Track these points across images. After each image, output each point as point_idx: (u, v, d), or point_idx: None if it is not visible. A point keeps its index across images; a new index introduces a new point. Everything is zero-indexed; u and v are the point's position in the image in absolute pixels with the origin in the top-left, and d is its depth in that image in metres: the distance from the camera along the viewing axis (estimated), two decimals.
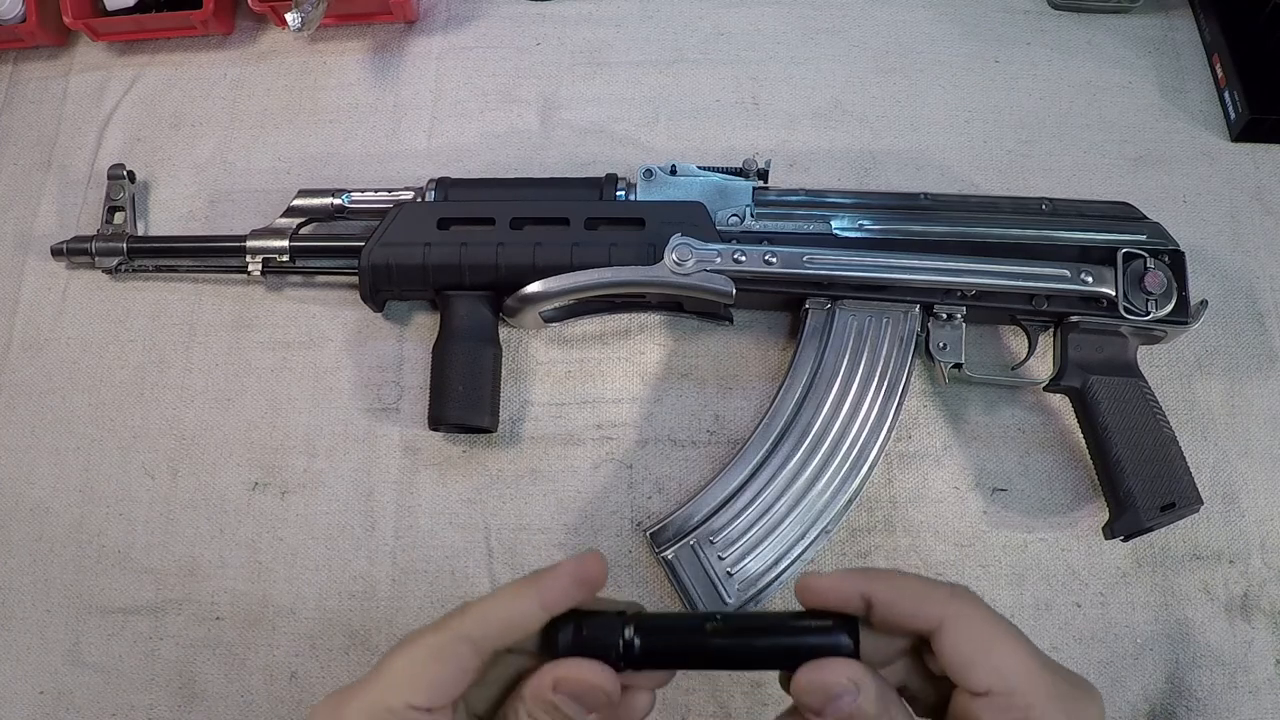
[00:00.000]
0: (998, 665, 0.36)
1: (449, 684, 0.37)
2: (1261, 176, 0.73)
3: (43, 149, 0.79)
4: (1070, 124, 0.75)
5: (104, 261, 0.72)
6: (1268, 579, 0.63)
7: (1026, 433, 0.66)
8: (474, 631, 0.38)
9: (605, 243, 0.64)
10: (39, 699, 0.64)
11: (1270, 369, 0.68)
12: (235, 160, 0.78)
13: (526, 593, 0.38)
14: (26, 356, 0.73)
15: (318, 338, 0.72)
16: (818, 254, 0.63)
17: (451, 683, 0.37)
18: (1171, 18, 0.78)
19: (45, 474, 0.70)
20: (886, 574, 0.38)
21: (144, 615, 0.66)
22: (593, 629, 0.39)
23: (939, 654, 0.37)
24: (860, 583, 0.38)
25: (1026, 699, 0.35)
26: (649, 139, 0.76)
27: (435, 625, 0.39)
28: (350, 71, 0.80)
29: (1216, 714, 0.60)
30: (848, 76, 0.77)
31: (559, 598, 0.39)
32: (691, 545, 0.60)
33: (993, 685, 0.36)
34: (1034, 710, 0.35)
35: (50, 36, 0.81)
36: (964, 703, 0.37)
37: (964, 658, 0.36)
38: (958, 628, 0.37)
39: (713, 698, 0.61)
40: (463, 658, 0.38)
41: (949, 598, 0.38)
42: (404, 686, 0.37)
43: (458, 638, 0.38)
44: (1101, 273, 0.61)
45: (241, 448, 0.69)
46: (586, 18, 0.80)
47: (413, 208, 0.67)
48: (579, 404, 0.69)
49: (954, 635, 0.37)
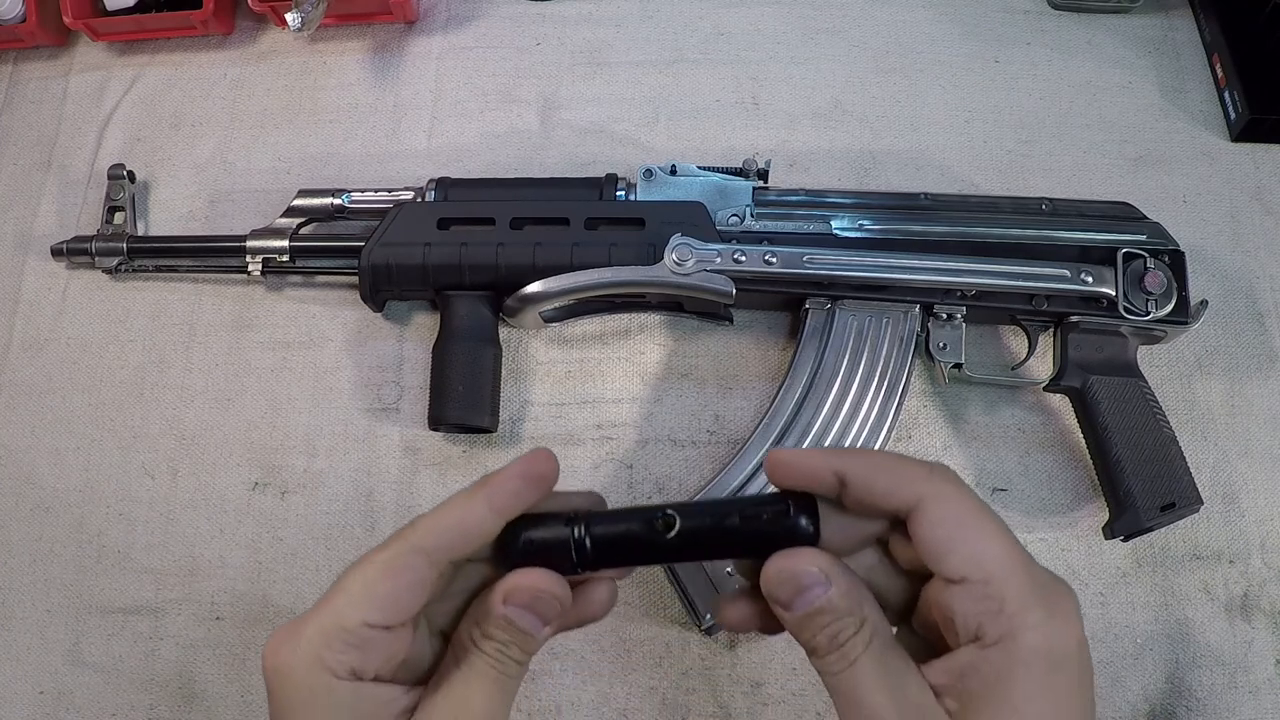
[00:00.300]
0: (975, 552, 0.34)
1: (404, 599, 0.36)
2: (1261, 176, 0.73)
3: (43, 149, 0.79)
4: (1070, 124, 0.75)
5: (104, 261, 0.72)
6: (1268, 579, 0.63)
7: (1026, 433, 0.66)
8: (426, 542, 0.36)
9: (605, 243, 0.64)
10: (39, 699, 0.64)
11: (1270, 369, 0.68)
12: (235, 160, 0.78)
13: (476, 498, 0.37)
14: (26, 356, 0.73)
15: (318, 338, 0.72)
16: (818, 254, 0.63)
17: (407, 598, 0.36)
18: (1171, 18, 0.78)
19: (45, 474, 0.70)
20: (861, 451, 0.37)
21: (144, 615, 0.66)
22: (541, 534, 0.38)
23: (915, 536, 0.35)
24: (834, 459, 0.36)
25: (1002, 590, 0.33)
26: (649, 139, 0.76)
27: (386, 541, 0.37)
28: (350, 71, 0.80)
29: (1216, 714, 0.60)
30: (848, 76, 0.77)
31: (509, 500, 0.37)
32: None
33: (969, 573, 0.34)
34: (1010, 603, 0.33)
35: (50, 36, 0.81)
36: (937, 591, 0.35)
37: (941, 541, 0.34)
38: (936, 508, 0.35)
39: (713, 698, 0.61)
40: (417, 570, 0.36)
41: (928, 476, 0.36)
42: (358, 605, 0.35)
43: (410, 550, 0.36)
44: (1101, 273, 0.62)
45: (241, 448, 0.69)
46: (586, 18, 0.80)
47: (413, 208, 0.67)
48: (579, 404, 0.69)
49: (932, 516, 0.35)
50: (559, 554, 0.37)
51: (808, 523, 0.36)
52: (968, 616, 0.34)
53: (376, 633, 0.35)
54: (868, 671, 0.35)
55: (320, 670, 0.35)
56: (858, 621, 0.35)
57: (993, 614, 0.33)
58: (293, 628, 0.36)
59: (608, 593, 0.40)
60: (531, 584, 0.37)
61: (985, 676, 0.33)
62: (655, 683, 0.62)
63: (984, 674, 0.33)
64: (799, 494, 0.37)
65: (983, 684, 0.33)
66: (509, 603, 0.37)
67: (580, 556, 0.37)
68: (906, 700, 0.34)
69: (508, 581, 0.37)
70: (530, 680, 0.62)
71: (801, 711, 0.61)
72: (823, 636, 0.35)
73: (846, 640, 0.35)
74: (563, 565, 0.37)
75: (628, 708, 0.61)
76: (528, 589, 0.37)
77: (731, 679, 0.62)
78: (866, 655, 0.35)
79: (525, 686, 0.62)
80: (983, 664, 0.33)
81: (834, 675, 0.36)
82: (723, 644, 0.62)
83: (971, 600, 0.34)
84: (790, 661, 0.62)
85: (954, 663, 0.34)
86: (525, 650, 0.38)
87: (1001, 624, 0.33)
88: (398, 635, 0.36)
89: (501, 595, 0.37)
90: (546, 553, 0.37)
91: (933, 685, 0.35)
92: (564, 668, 0.62)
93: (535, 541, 0.37)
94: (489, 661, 0.37)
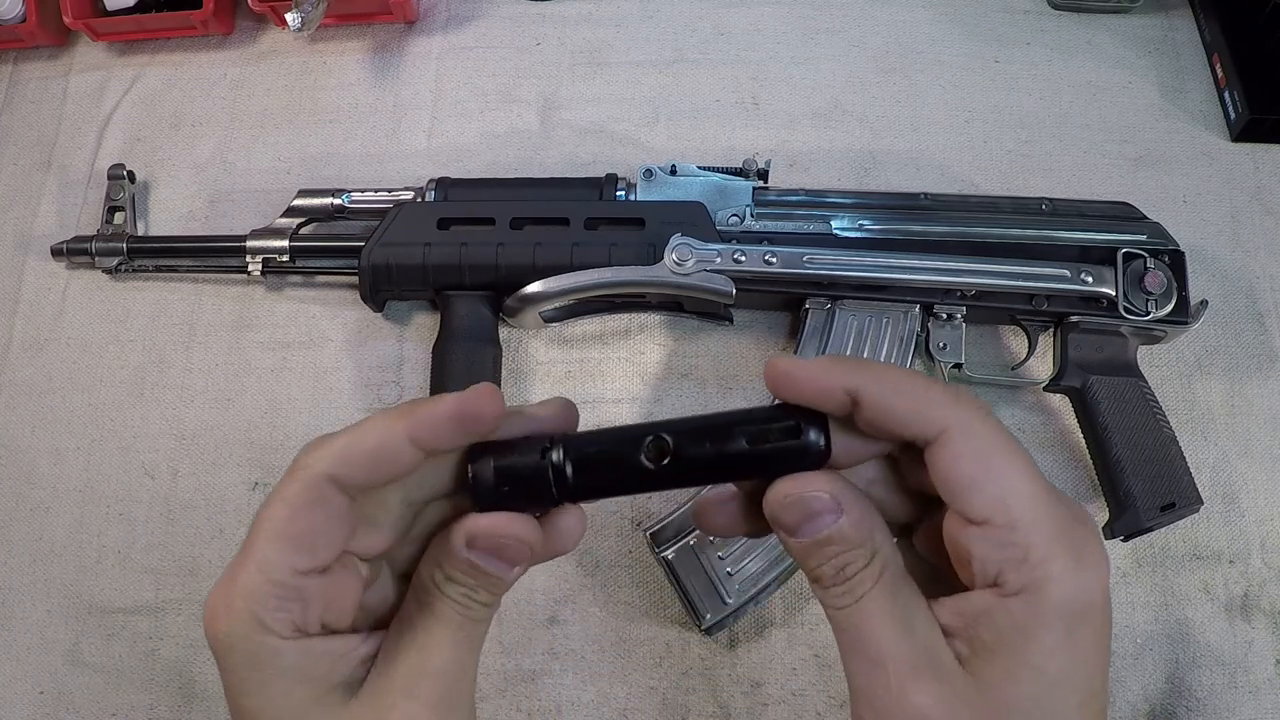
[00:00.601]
0: (1002, 492, 0.31)
1: (323, 535, 0.32)
2: (1261, 176, 0.73)
3: (43, 149, 0.79)
4: (1070, 124, 0.75)
5: (104, 261, 0.72)
6: (1268, 579, 0.63)
7: (1026, 433, 0.66)
8: (336, 470, 0.32)
9: (605, 243, 0.64)
10: (39, 699, 0.64)
11: (1270, 369, 0.68)
12: (235, 160, 0.78)
13: (394, 426, 0.32)
14: (26, 356, 0.73)
15: (318, 338, 0.72)
16: (818, 254, 0.63)
17: (326, 533, 0.32)
18: (1171, 18, 0.78)
19: (45, 474, 0.70)
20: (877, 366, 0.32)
21: (144, 615, 0.66)
22: (515, 462, 0.33)
23: (933, 467, 0.31)
24: (847, 375, 0.32)
25: (1028, 536, 0.30)
26: (649, 139, 0.76)
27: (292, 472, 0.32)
28: (350, 71, 0.80)
29: (1216, 714, 0.60)
30: (848, 76, 0.77)
31: (431, 436, 0.32)
32: (691, 545, 0.60)
33: (992, 515, 0.30)
34: (1035, 550, 0.30)
35: (50, 36, 0.81)
36: (954, 529, 0.32)
37: (964, 478, 0.31)
38: (960, 441, 0.31)
39: (713, 697, 0.61)
40: (330, 503, 0.32)
41: (953, 402, 0.32)
42: (279, 551, 0.31)
43: (316, 479, 0.32)
44: (1101, 273, 0.61)
45: (241, 448, 0.69)
46: (586, 18, 0.80)
47: (413, 208, 0.67)
48: (579, 404, 0.68)
49: (955, 450, 0.31)
50: (536, 485, 0.33)
51: (818, 441, 0.32)
52: (987, 562, 0.31)
53: (309, 579, 0.32)
54: (876, 608, 0.32)
55: (262, 632, 0.31)
56: (868, 553, 0.32)
57: (1016, 562, 0.30)
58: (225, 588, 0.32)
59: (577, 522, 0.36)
60: (497, 528, 0.33)
61: (1002, 627, 0.30)
62: (655, 683, 0.62)
63: (1001, 625, 0.30)
64: (807, 410, 0.33)
65: (998, 635, 0.31)
66: (473, 548, 0.33)
67: (560, 488, 0.33)
68: (916, 641, 0.31)
69: (470, 524, 0.33)
70: (530, 680, 0.62)
71: (801, 711, 0.61)
72: (829, 567, 0.32)
73: (855, 574, 0.32)
74: (540, 497, 0.33)
75: (628, 708, 0.61)
76: (492, 534, 0.33)
77: (731, 679, 0.62)
78: (876, 590, 0.32)
79: (525, 686, 0.62)
80: (1000, 613, 0.30)
81: (838, 610, 0.33)
82: (723, 644, 0.62)
83: (993, 545, 0.31)
84: (790, 662, 0.62)
85: (967, 605, 0.32)
86: (493, 592, 0.34)
87: (1025, 574, 0.30)
88: (336, 579, 0.33)
89: (463, 538, 0.33)
90: (521, 484, 0.33)
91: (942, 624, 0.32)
92: (564, 668, 0.62)
93: (506, 471, 0.33)
94: (453, 606, 0.34)
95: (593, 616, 0.63)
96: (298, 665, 0.32)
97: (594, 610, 0.64)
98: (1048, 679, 0.30)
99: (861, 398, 0.32)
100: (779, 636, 0.62)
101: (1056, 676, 0.30)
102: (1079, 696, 0.31)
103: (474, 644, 0.35)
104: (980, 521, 0.31)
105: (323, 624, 0.33)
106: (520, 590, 0.64)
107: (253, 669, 0.32)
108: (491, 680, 0.62)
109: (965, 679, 0.31)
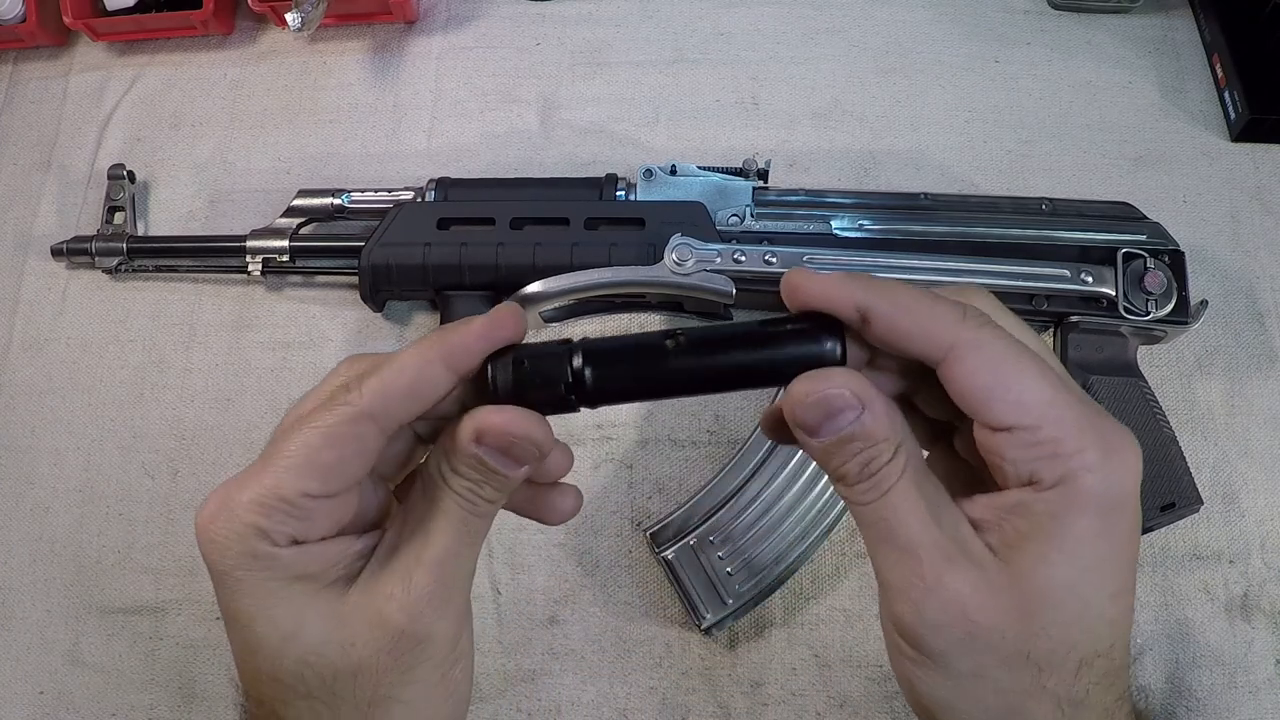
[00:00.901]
0: (1021, 398, 0.31)
1: (349, 468, 0.33)
2: (1261, 176, 0.73)
3: (43, 149, 0.79)
4: (1070, 124, 0.75)
5: (104, 261, 0.72)
6: (1268, 579, 0.63)
7: None
8: (375, 406, 0.33)
9: (605, 243, 0.64)
10: (39, 699, 0.64)
11: (1270, 369, 0.68)
12: (235, 160, 0.78)
13: (432, 359, 0.33)
14: (26, 356, 0.73)
15: (318, 338, 0.72)
16: (818, 254, 0.63)
17: (352, 466, 0.33)
18: (1171, 18, 0.78)
19: (45, 474, 0.70)
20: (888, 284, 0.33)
21: (144, 615, 0.66)
22: (535, 363, 0.33)
23: (950, 387, 0.32)
24: (858, 291, 0.32)
25: (1055, 432, 0.30)
26: (649, 139, 0.76)
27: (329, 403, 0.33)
28: (350, 71, 0.80)
29: (1216, 714, 0.60)
30: (848, 76, 0.77)
31: (466, 360, 0.33)
32: (691, 545, 0.60)
33: (1017, 420, 0.31)
34: (1065, 444, 0.30)
35: (50, 36, 0.81)
36: (984, 437, 0.32)
37: (979, 390, 0.31)
38: (972, 357, 0.31)
39: (713, 697, 0.61)
40: (364, 439, 0.33)
41: (962, 319, 0.32)
42: (299, 474, 0.32)
43: (358, 416, 0.33)
44: (1101, 273, 0.62)
45: (241, 448, 0.69)
46: (586, 18, 0.80)
47: (413, 208, 0.67)
48: None
49: (968, 365, 0.31)
50: (553, 387, 0.33)
51: (834, 345, 0.33)
52: (1019, 463, 0.31)
53: (319, 502, 0.33)
54: (903, 500, 0.32)
55: (259, 539, 0.32)
56: (892, 446, 0.32)
57: (1047, 458, 0.31)
58: (225, 493, 0.33)
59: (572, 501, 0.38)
60: (507, 426, 0.33)
61: (1038, 516, 0.31)
62: (655, 683, 0.62)
63: (1036, 514, 0.31)
64: (826, 317, 0.33)
65: (1033, 524, 0.31)
66: (481, 443, 0.33)
67: (578, 390, 0.33)
68: (945, 530, 0.32)
69: (480, 418, 0.33)
70: (530, 680, 0.62)
71: (801, 711, 0.61)
72: (854, 464, 0.32)
73: (880, 469, 0.32)
74: (557, 400, 0.34)
75: (628, 708, 0.61)
76: (502, 432, 0.33)
77: (731, 679, 0.62)
78: (902, 483, 0.32)
79: (525, 686, 0.62)
80: (1036, 504, 0.31)
81: (865, 506, 0.32)
82: (723, 644, 0.62)
83: (1022, 447, 0.31)
84: (790, 662, 0.62)
85: (1002, 500, 0.32)
86: (498, 489, 0.35)
87: (1058, 467, 0.30)
88: (343, 500, 0.34)
89: (472, 433, 0.33)
90: (539, 386, 0.33)
91: (973, 519, 0.32)
92: (564, 668, 0.62)
93: (526, 372, 0.33)
94: (457, 500, 0.34)
95: (592, 616, 0.63)
96: (293, 565, 0.33)
97: (594, 610, 0.64)
98: (1082, 565, 0.31)
99: (870, 315, 0.32)
100: (779, 636, 0.62)
101: (1091, 563, 0.31)
102: (1112, 586, 0.31)
103: (473, 539, 0.35)
104: (1005, 428, 0.31)
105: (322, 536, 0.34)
106: (520, 590, 0.64)
107: (249, 570, 0.33)
108: (491, 680, 0.62)
109: (999, 565, 0.31)
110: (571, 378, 0.33)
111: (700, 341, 0.34)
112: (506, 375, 0.33)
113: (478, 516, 0.35)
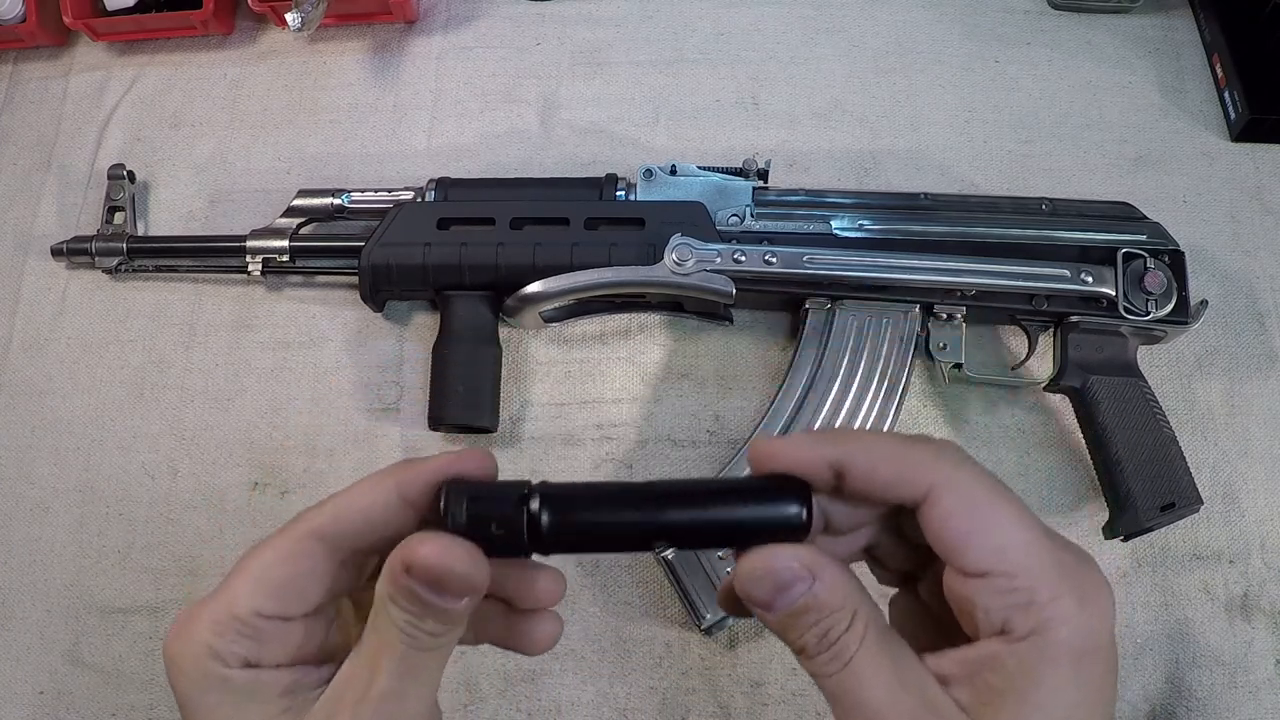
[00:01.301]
0: (997, 543, 0.31)
1: (301, 589, 0.33)
2: (1261, 176, 0.73)
3: (43, 149, 0.79)
4: (1070, 124, 0.75)
5: (104, 261, 0.72)
6: (1268, 579, 0.63)
7: (1026, 433, 0.66)
8: (327, 529, 0.33)
9: (605, 243, 0.64)
10: (39, 699, 0.64)
11: (1270, 369, 0.68)
12: (235, 160, 0.78)
13: (387, 485, 0.33)
14: (26, 356, 0.73)
15: (318, 338, 0.72)
16: (818, 254, 0.63)
17: (304, 587, 0.33)
18: (1171, 18, 0.78)
19: (45, 474, 0.70)
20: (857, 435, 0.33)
21: (144, 615, 0.66)
22: (489, 503, 0.32)
23: (926, 529, 0.31)
24: (828, 448, 0.32)
25: (1030, 580, 0.30)
26: (649, 139, 0.76)
27: (288, 525, 0.34)
28: (350, 71, 0.80)
29: (1216, 714, 0.60)
30: (848, 76, 0.77)
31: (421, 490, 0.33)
32: None
33: (991, 566, 0.30)
34: (1039, 593, 0.30)
35: (50, 36, 0.81)
36: (956, 584, 0.31)
37: (957, 535, 0.31)
38: (948, 499, 0.31)
39: (713, 698, 0.61)
40: (314, 559, 0.33)
41: (935, 459, 0.32)
42: (252, 592, 0.32)
43: (308, 536, 0.33)
44: (1101, 273, 0.62)
45: (241, 448, 0.69)
46: (586, 18, 0.80)
47: (413, 208, 0.67)
48: (579, 404, 0.69)
49: (944, 508, 0.31)
50: (506, 529, 0.32)
51: (799, 514, 0.32)
52: (991, 611, 0.31)
53: (273, 623, 0.32)
54: (866, 667, 0.31)
55: (210, 659, 0.32)
56: (848, 614, 0.31)
57: (1021, 607, 0.30)
58: (188, 616, 0.33)
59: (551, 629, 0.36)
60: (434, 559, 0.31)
61: (1010, 672, 0.30)
62: (655, 683, 0.62)
63: (1009, 669, 0.30)
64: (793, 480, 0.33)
65: (1005, 680, 0.30)
66: (412, 575, 0.31)
67: (533, 535, 0.32)
68: (912, 693, 0.31)
69: (410, 547, 0.31)
70: (530, 680, 0.62)
71: (801, 711, 0.61)
72: (811, 636, 0.32)
73: (839, 637, 0.31)
74: (512, 544, 0.32)
75: (628, 708, 0.61)
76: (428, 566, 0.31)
77: (731, 679, 0.62)
78: (863, 650, 0.31)
79: (525, 686, 0.62)
80: (1009, 658, 0.30)
81: (829, 677, 0.32)
82: (723, 644, 0.62)
83: (996, 594, 0.30)
84: (790, 661, 0.62)
85: (972, 654, 0.31)
86: (442, 623, 0.32)
87: (1032, 617, 0.30)
88: (300, 626, 0.33)
89: (400, 563, 0.31)
90: (493, 527, 0.32)
91: (942, 675, 0.32)
92: (564, 668, 0.62)
93: (480, 512, 0.32)
94: (397, 635, 0.32)
95: (592, 616, 0.63)
96: (244, 688, 0.33)
97: (594, 610, 0.64)
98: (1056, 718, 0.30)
99: (847, 469, 0.32)
100: None
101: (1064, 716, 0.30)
102: None
103: (420, 674, 0.33)
104: (980, 574, 0.31)
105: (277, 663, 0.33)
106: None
107: (204, 692, 0.33)
108: (491, 680, 0.62)
109: None
110: (527, 525, 0.32)
111: (665, 495, 0.33)
112: (459, 514, 0.32)
113: (422, 650, 0.32)
